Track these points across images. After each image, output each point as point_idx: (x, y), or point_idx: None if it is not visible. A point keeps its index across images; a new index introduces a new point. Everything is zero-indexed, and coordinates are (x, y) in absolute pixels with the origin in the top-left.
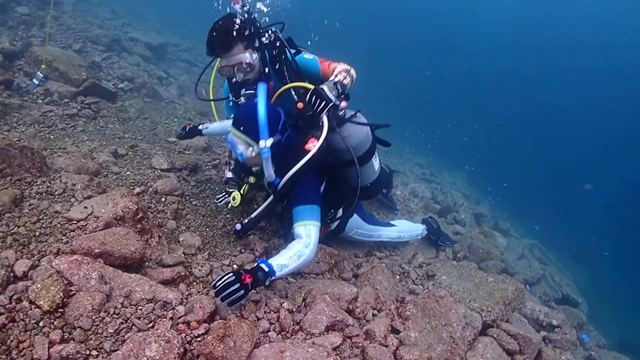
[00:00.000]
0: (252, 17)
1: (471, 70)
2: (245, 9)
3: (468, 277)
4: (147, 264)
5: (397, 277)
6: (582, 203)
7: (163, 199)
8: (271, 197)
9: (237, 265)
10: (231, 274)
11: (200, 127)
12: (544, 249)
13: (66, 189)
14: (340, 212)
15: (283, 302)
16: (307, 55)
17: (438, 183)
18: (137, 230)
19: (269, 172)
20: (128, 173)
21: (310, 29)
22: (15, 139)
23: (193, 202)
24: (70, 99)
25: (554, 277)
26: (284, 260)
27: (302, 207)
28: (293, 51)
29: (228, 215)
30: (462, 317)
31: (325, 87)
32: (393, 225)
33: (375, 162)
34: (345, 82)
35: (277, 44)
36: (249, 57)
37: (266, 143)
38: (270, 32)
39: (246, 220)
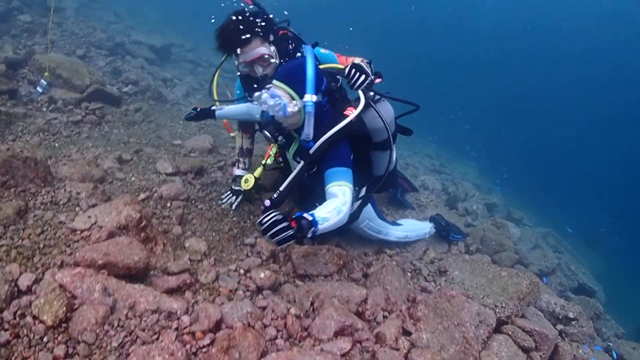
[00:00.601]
0: (264, 10)
1: (472, 54)
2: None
3: (481, 272)
4: (152, 272)
5: (409, 274)
6: (595, 187)
7: (168, 204)
8: (300, 166)
9: (243, 270)
10: (277, 213)
11: (213, 107)
12: (559, 237)
13: (71, 198)
14: (363, 192)
15: (290, 308)
16: (324, 50)
17: (448, 174)
18: (141, 239)
19: (309, 129)
20: (133, 179)
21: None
22: (18, 150)
23: (199, 206)
24: (75, 106)
25: (569, 265)
26: (325, 214)
27: (336, 169)
28: (310, 45)
29: (234, 219)
30: (476, 314)
31: (362, 64)
32: (399, 224)
33: (394, 152)
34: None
35: (293, 38)
36: (266, 50)
37: (312, 97)
38: (282, 28)
39: (275, 195)
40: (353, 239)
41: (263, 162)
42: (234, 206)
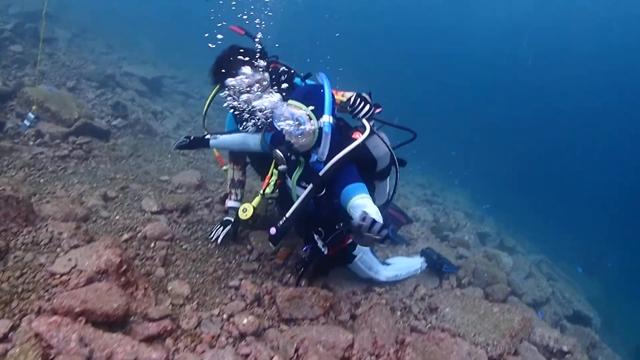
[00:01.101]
0: (257, 42)
1: (460, 77)
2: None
3: (472, 308)
4: (132, 318)
5: (398, 313)
6: (588, 211)
7: (152, 245)
8: (309, 189)
9: (227, 314)
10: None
11: (207, 137)
12: (552, 263)
13: (52, 238)
14: None
15: (273, 356)
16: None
17: (440, 204)
18: (121, 284)
19: (325, 149)
20: (117, 217)
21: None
22: (1, 188)
23: (183, 246)
24: (62, 140)
25: (563, 293)
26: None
27: (353, 185)
28: (302, 76)
29: (219, 259)
30: (467, 355)
31: (364, 94)
32: (389, 264)
33: (388, 183)
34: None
35: (285, 71)
36: (260, 76)
37: (330, 118)
38: (273, 61)
39: (281, 222)
40: (341, 277)
41: (261, 191)
42: (220, 238)
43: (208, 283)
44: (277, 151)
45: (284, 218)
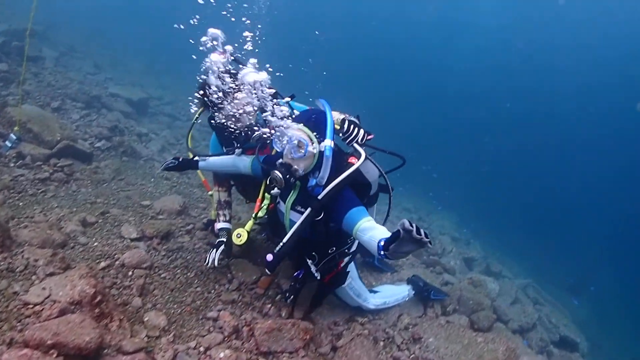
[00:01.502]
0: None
1: (441, 92)
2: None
3: (456, 338)
4: (105, 351)
5: (381, 343)
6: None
7: (130, 273)
8: (306, 213)
9: (204, 347)
10: None
11: (195, 158)
12: (538, 287)
13: (28, 266)
14: (354, 246)
15: None
16: (299, 104)
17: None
18: (94, 315)
19: (325, 172)
20: (95, 244)
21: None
22: None
23: (162, 275)
24: (43, 162)
25: (550, 318)
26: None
27: (355, 209)
28: (287, 99)
29: (198, 289)
30: None
31: (352, 118)
32: (376, 291)
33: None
34: None
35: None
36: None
37: (331, 143)
38: None
39: (278, 247)
40: (323, 307)
41: (254, 214)
42: (216, 260)
43: (186, 314)
44: (277, 172)
45: (281, 243)
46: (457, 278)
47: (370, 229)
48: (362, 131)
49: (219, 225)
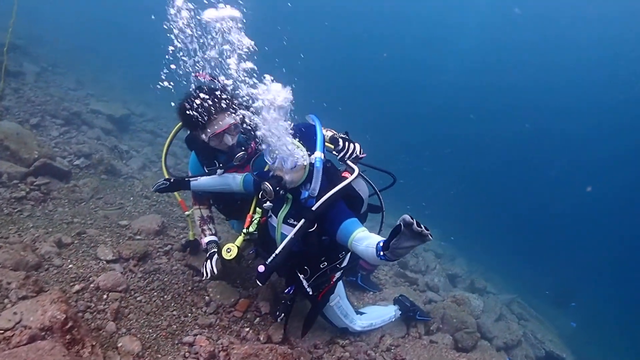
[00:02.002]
0: (223, 85)
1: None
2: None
3: (439, 359)
4: None
5: None
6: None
7: (104, 296)
8: (300, 224)
9: None
10: None
11: (187, 178)
12: (523, 303)
13: (0, 289)
14: (346, 261)
15: None
16: None
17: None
18: (65, 342)
19: (317, 184)
20: (70, 266)
21: None
22: None
23: (137, 298)
24: (20, 180)
25: (535, 334)
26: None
27: (350, 221)
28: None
29: (174, 312)
30: None
31: (342, 135)
32: (363, 312)
33: None
34: None
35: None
36: (234, 119)
37: (321, 155)
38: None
39: (270, 259)
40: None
41: (244, 230)
42: (215, 269)
43: (161, 339)
44: (267, 184)
45: (274, 254)
46: (441, 296)
47: (366, 238)
48: (357, 145)
49: (206, 239)
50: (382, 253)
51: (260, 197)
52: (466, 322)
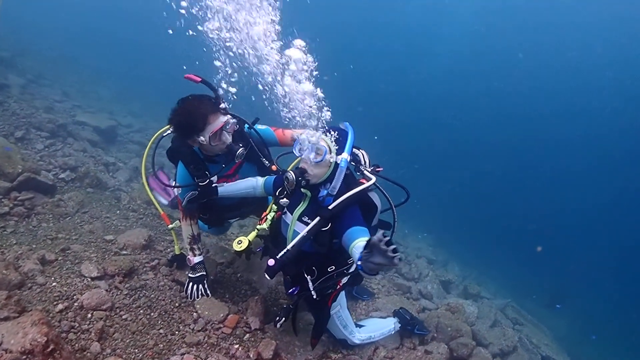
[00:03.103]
0: (214, 88)
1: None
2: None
3: None
4: None
5: None
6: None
7: (89, 315)
8: (315, 222)
9: None
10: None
11: (214, 185)
12: (517, 307)
13: None
14: (354, 267)
15: None
16: (261, 126)
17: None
18: None
19: (337, 183)
20: (54, 284)
21: None
22: None
23: (123, 316)
24: (4, 196)
25: (531, 339)
26: None
27: (359, 227)
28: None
29: (161, 331)
30: None
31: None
32: (362, 325)
33: None
34: None
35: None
36: (226, 118)
37: (347, 157)
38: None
39: (281, 253)
40: (293, 345)
41: (258, 226)
42: (208, 291)
43: (147, 359)
44: (291, 172)
45: (285, 250)
46: (435, 303)
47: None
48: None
49: (196, 259)
50: (359, 263)
51: (277, 194)
52: (461, 330)
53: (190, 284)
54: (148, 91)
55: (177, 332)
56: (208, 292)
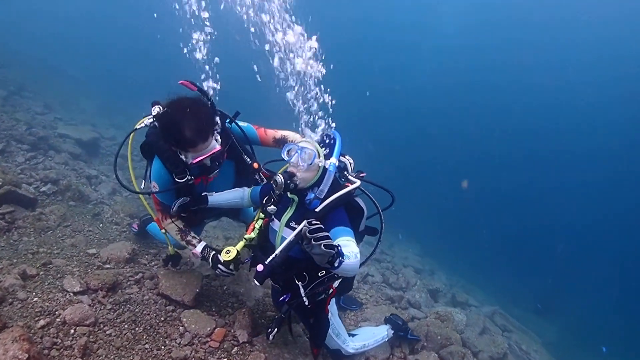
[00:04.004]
0: (208, 96)
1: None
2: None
3: None
4: None
5: None
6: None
7: (72, 331)
8: (299, 228)
9: None
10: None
11: (204, 194)
12: (505, 313)
13: None
14: None
15: None
16: (242, 123)
17: (389, 261)
18: None
19: (325, 187)
20: (35, 299)
21: None
22: None
23: (107, 332)
24: None
25: (520, 345)
26: (347, 252)
27: (342, 228)
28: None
29: (147, 346)
30: None
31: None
32: (354, 334)
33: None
34: None
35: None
36: (218, 144)
37: (336, 161)
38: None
39: (270, 258)
40: (283, 358)
41: (247, 236)
42: (233, 269)
43: None
44: (280, 175)
45: (274, 255)
46: (424, 312)
47: (343, 247)
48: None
49: (199, 247)
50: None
51: (265, 201)
52: (451, 338)
53: (217, 272)
54: (131, 104)
55: (163, 347)
56: (233, 269)
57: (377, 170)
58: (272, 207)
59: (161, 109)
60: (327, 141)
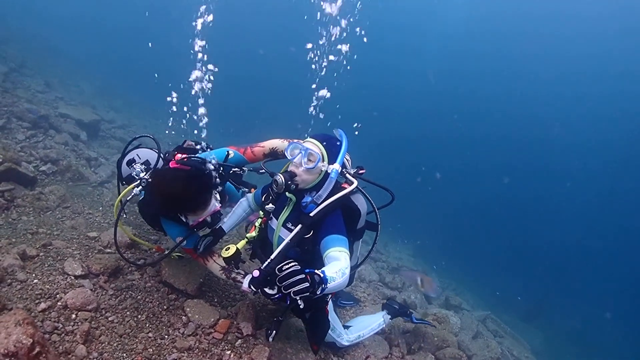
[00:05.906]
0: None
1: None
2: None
3: None
4: None
5: None
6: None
7: (73, 316)
8: (297, 229)
9: None
10: (295, 264)
11: (219, 225)
12: (496, 319)
13: None
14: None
15: None
16: (230, 152)
17: (384, 261)
18: None
19: (325, 192)
20: (35, 281)
21: None
22: None
23: (109, 318)
24: None
25: (512, 351)
26: (332, 274)
27: (336, 236)
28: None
29: (150, 334)
30: None
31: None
32: (349, 326)
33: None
34: None
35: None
36: (217, 203)
37: (338, 167)
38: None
39: (264, 264)
40: (286, 352)
41: (248, 234)
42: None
43: None
44: (280, 175)
45: (269, 260)
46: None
47: (332, 259)
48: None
49: (246, 283)
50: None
51: (263, 199)
52: (447, 341)
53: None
54: (131, 89)
55: (166, 336)
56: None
57: (376, 171)
58: (271, 205)
59: (150, 179)
60: (328, 144)
